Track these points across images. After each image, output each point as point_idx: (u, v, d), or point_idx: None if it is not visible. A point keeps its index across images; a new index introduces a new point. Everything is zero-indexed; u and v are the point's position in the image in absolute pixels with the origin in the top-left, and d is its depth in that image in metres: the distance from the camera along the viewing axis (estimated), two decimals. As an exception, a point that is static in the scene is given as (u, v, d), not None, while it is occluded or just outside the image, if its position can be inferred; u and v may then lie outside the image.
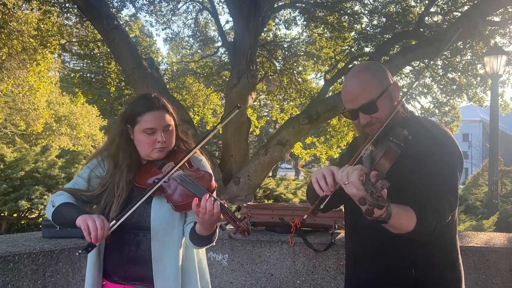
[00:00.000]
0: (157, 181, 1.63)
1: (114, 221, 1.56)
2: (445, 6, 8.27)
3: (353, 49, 9.74)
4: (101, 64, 10.33)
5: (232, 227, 1.50)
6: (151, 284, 1.64)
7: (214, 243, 1.68)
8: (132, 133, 1.74)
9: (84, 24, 8.73)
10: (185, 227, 1.70)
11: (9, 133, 16.06)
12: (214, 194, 1.64)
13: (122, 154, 1.74)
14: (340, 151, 13.05)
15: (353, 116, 1.57)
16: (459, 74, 9.43)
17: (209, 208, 1.47)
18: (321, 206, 1.35)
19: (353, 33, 9.59)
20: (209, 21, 11.18)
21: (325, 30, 9.73)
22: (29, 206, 6.83)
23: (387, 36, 8.64)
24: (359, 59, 8.87)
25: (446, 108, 10.29)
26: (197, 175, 1.66)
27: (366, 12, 9.25)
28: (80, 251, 1.51)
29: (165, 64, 15.64)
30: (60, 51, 9.39)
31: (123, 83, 10.31)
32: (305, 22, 9.95)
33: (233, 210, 1.52)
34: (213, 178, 1.66)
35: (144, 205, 1.66)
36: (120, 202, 1.66)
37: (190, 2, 10.05)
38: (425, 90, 10.61)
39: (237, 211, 1.53)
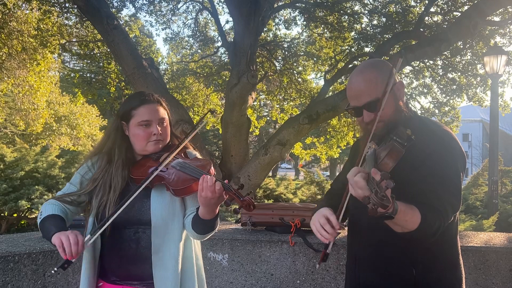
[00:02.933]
0: (154, 170, 1.63)
1: (89, 235, 1.57)
2: (445, 6, 8.27)
3: (353, 49, 9.73)
4: (101, 64, 10.32)
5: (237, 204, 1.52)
6: (151, 282, 1.63)
7: (216, 230, 1.68)
8: (127, 128, 1.75)
9: (84, 24, 8.74)
10: (185, 219, 1.70)
11: (9, 133, 16.06)
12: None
13: (118, 150, 1.74)
14: (340, 151, 13.04)
15: (356, 113, 1.57)
16: (459, 74, 9.44)
17: (211, 186, 1.49)
18: (328, 251, 1.40)
19: (353, 33, 9.59)
20: (209, 21, 11.19)
21: (325, 30, 9.73)
22: (29, 206, 6.83)
23: (387, 36, 8.64)
24: (359, 59, 8.87)
25: (446, 108, 10.29)
26: (195, 163, 1.67)
27: (366, 12, 9.26)
28: (55, 269, 1.49)
29: (165, 64, 15.62)
30: (60, 51, 9.40)
31: (123, 83, 10.30)
32: (305, 22, 9.95)
33: (236, 188, 1.54)
34: (212, 165, 1.67)
35: (143, 199, 1.66)
36: (115, 198, 1.65)
37: (190, 2, 10.06)
38: (425, 90, 10.61)
39: (241, 188, 1.54)
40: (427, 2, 7.89)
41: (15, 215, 7.21)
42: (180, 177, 1.61)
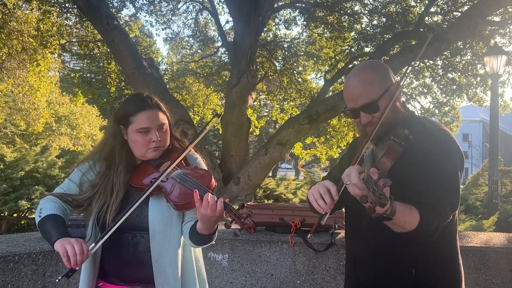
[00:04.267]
0: (154, 180, 1.60)
1: (93, 244, 1.54)
2: (445, 6, 8.28)
3: (353, 49, 9.74)
4: (101, 64, 10.33)
5: (237, 225, 1.49)
6: (149, 285, 1.63)
7: (213, 242, 1.66)
8: (125, 133, 1.71)
9: (84, 24, 8.74)
10: (183, 226, 1.68)
11: (9, 133, 16.05)
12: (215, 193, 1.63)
13: (118, 155, 1.71)
14: (340, 151, 13.05)
15: (354, 115, 1.57)
16: (459, 74, 9.45)
17: (212, 205, 1.46)
18: (322, 223, 1.39)
19: (353, 33, 9.60)
20: (209, 21, 11.20)
21: (325, 30, 9.74)
22: (29, 206, 6.83)
23: (387, 36, 8.65)
24: (359, 59, 8.87)
25: (446, 108, 10.31)
26: (196, 174, 1.64)
27: (366, 12, 9.27)
28: (60, 277, 1.47)
29: (165, 64, 15.64)
30: (60, 51, 9.40)
31: (123, 83, 10.30)
32: (305, 22, 9.96)
33: (237, 208, 1.50)
34: (212, 176, 1.64)
35: (142, 205, 1.64)
36: (117, 203, 1.64)
37: (190, 2, 10.08)
38: (425, 90, 10.61)
39: (241, 208, 1.50)
40: (427, 2, 7.89)
41: (15, 215, 7.21)
42: (180, 191, 1.59)
